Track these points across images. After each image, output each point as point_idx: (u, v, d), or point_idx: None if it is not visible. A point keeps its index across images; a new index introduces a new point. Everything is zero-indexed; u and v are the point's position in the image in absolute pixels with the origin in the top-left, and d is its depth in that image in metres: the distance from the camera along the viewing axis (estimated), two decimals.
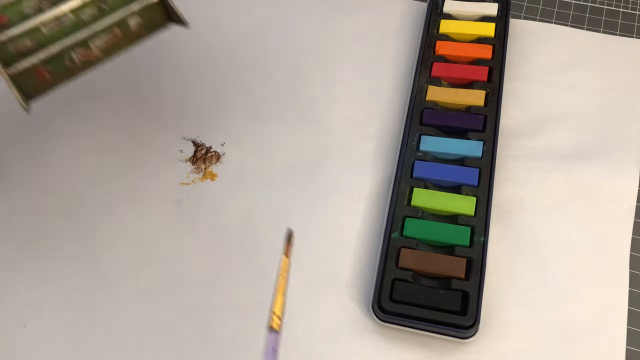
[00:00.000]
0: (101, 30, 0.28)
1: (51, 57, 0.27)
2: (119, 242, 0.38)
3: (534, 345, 0.33)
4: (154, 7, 0.29)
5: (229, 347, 0.34)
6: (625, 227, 0.36)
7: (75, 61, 0.28)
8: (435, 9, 0.45)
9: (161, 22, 0.30)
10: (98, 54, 0.28)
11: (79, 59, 0.28)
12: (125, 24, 0.28)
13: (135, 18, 0.28)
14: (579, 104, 0.41)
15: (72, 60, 0.28)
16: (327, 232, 0.37)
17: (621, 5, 0.47)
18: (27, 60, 0.27)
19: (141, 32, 0.29)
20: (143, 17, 0.29)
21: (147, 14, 0.29)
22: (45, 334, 0.35)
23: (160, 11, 0.29)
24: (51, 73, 0.28)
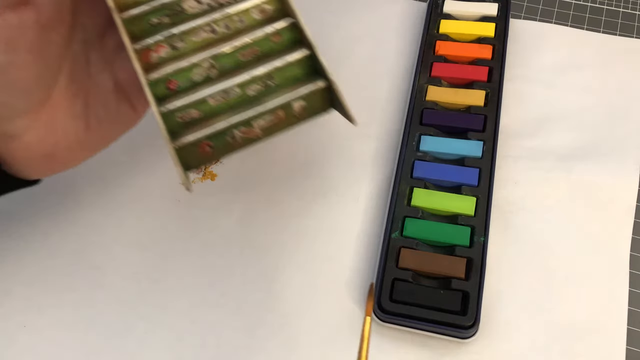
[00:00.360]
0: (260, 113, 0.27)
1: (216, 133, 0.27)
2: (119, 242, 0.38)
3: (534, 345, 0.33)
4: (320, 92, 0.28)
5: (229, 347, 0.34)
6: (625, 227, 0.36)
7: (236, 138, 0.27)
8: (435, 9, 0.45)
9: (324, 108, 0.29)
10: (258, 133, 0.28)
11: (239, 136, 0.27)
12: (290, 106, 0.28)
13: (300, 101, 0.28)
14: (579, 104, 0.41)
15: (233, 137, 0.27)
16: (326, 232, 0.37)
17: (621, 5, 0.47)
18: (192, 134, 0.27)
19: (302, 115, 0.28)
20: (307, 101, 0.28)
21: (312, 98, 0.28)
22: (45, 334, 0.35)
23: (325, 97, 0.28)
24: (212, 148, 0.27)
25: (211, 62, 0.28)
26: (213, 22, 0.29)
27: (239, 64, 0.29)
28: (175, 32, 0.29)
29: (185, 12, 0.30)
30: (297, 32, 0.29)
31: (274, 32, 0.29)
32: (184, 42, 0.29)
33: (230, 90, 0.28)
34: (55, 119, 0.31)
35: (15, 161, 0.31)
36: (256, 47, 0.29)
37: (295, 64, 0.29)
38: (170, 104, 0.28)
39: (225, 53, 0.29)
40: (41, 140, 0.31)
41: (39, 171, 0.32)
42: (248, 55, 0.29)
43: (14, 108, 0.29)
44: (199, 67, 0.28)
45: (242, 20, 0.29)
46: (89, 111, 0.32)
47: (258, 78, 0.28)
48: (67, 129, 0.31)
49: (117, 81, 0.33)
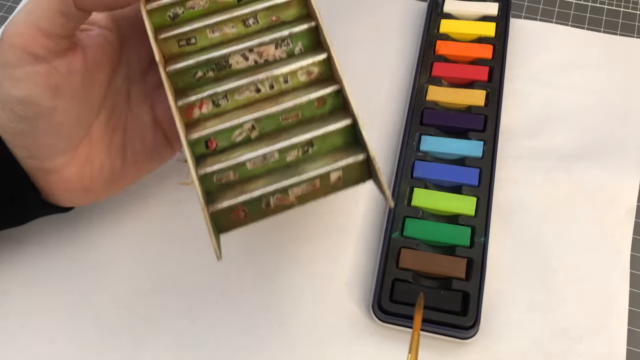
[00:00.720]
0: (298, 182, 0.27)
1: (252, 199, 0.27)
2: (119, 242, 0.38)
3: (534, 345, 0.33)
4: (359, 164, 0.28)
5: (229, 347, 0.34)
6: (625, 227, 0.36)
7: (271, 205, 0.27)
8: (435, 9, 0.44)
9: (361, 179, 0.28)
10: (293, 201, 0.27)
11: (274, 203, 0.27)
12: (327, 176, 0.27)
13: (338, 172, 0.27)
14: (580, 104, 0.41)
15: (268, 203, 0.27)
16: (326, 232, 0.37)
17: (622, 5, 0.47)
18: (229, 200, 0.26)
19: (338, 185, 0.28)
20: (345, 172, 0.27)
21: (350, 169, 0.27)
22: (44, 334, 0.34)
23: (364, 169, 0.28)
24: (246, 213, 0.27)
25: (253, 124, 0.28)
26: (258, 82, 0.29)
27: (279, 127, 0.28)
28: (220, 90, 0.28)
29: (231, 67, 0.29)
30: (340, 99, 0.29)
31: (318, 98, 0.28)
32: (227, 100, 0.29)
33: (269, 156, 0.27)
34: (93, 154, 0.32)
35: (52, 192, 0.32)
36: (299, 111, 0.28)
37: (337, 133, 0.28)
38: (208, 167, 0.27)
39: (268, 116, 0.28)
40: (79, 175, 0.32)
41: (73, 202, 0.33)
42: (290, 119, 0.28)
43: (55, 148, 0.30)
44: (240, 128, 0.28)
45: (287, 81, 0.29)
46: (126, 145, 0.33)
47: (298, 145, 0.28)
48: (104, 163, 0.32)
49: (155, 116, 0.34)
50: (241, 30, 0.30)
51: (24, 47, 0.27)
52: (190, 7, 0.30)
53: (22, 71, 0.28)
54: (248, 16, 0.30)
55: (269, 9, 0.30)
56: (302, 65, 0.29)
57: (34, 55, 0.28)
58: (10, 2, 0.51)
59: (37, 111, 0.29)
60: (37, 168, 0.31)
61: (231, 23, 0.30)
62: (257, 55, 0.29)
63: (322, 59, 0.29)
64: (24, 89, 0.28)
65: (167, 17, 0.30)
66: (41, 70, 0.28)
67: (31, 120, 0.29)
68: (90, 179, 0.32)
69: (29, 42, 0.27)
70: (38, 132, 0.29)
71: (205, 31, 0.29)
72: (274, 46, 0.29)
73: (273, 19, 0.30)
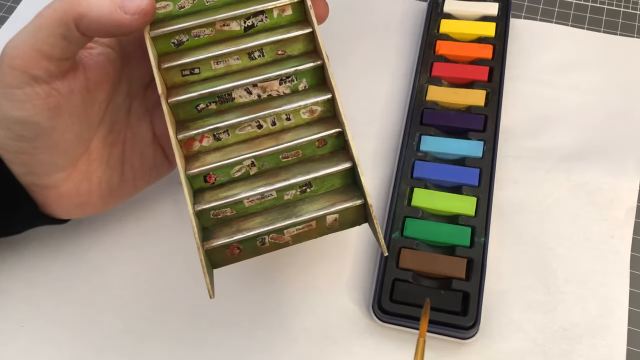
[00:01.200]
0: (291, 224, 0.27)
1: (248, 237, 0.27)
2: (119, 241, 0.38)
3: (534, 346, 0.33)
4: (355, 208, 0.28)
5: (229, 347, 0.34)
6: (625, 227, 0.36)
7: (266, 243, 0.27)
8: (435, 9, 0.44)
9: (356, 222, 0.28)
10: (288, 240, 0.28)
11: (269, 242, 0.27)
12: (324, 218, 0.27)
13: (334, 215, 0.28)
14: (580, 104, 0.41)
15: (263, 242, 0.27)
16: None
17: (622, 5, 0.47)
18: (225, 238, 0.26)
19: (334, 226, 0.28)
20: (341, 215, 0.28)
21: (346, 213, 0.28)
22: (44, 333, 0.34)
23: (360, 212, 0.28)
24: (241, 250, 0.27)
25: (253, 160, 0.28)
26: (260, 118, 0.28)
27: (279, 165, 0.28)
28: (222, 125, 0.28)
29: (234, 100, 0.29)
30: (342, 140, 0.29)
31: (319, 138, 0.29)
32: (228, 134, 0.28)
33: (267, 194, 0.28)
34: (91, 170, 0.32)
35: (49, 206, 0.32)
36: (299, 150, 0.28)
37: (336, 175, 0.28)
38: (206, 203, 0.27)
39: (268, 154, 0.28)
40: (76, 190, 0.32)
41: (69, 215, 0.33)
42: (290, 157, 0.29)
43: (54, 166, 0.30)
44: (240, 165, 0.28)
45: (289, 119, 0.29)
46: (124, 161, 0.33)
47: (297, 185, 0.28)
48: (102, 179, 0.32)
49: (155, 132, 0.34)
50: (246, 63, 0.29)
51: (25, 69, 0.27)
52: (195, 35, 0.29)
53: (22, 92, 0.28)
54: (254, 49, 0.29)
55: (276, 42, 0.29)
56: (306, 103, 0.29)
57: (35, 77, 0.28)
58: (10, 2, 0.51)
59: (35, 131, 0.29)
60: (34, 184, 0.31)
61: (236, 55, 0.29)
62: (261, 90, 0.29)
63: (326, 99, 0.29)
64: (23, 109, 0.28)
65: (171, 44, 0.29)
66: (41, 91, 0.28)
67: (30, 139, 0.29)
68: (87, 194, 0.32)
69: (30, 64, 0.27)
70: (37, 150, 0.29)
71: (209, 62, 0.29)
72: (278, 82, 0.29)
73: (279, 52, 0.30)
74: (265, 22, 0.30)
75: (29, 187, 0.31)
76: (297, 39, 0.29)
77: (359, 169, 0.27)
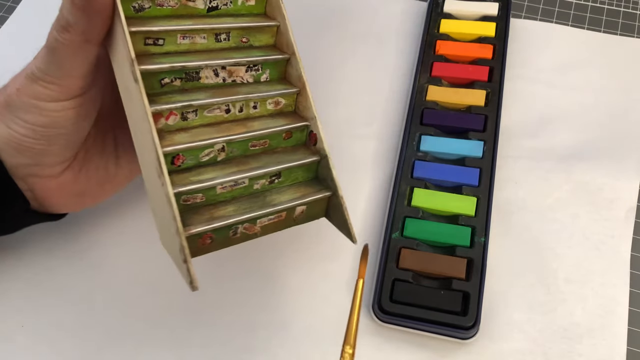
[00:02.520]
0: (265, 214, 0.27)
1: (222, 226, 0.26)
2: (118, 241, 0.38)
3: (534, 346, 0.33)
4: (322, 200, 0.28)
5: (228, 347, 0.34)
6: (625, 227, 0.36)
7: (238, 233, 0.27)
8: (435, 9, 0.44)
9: (318, 215, 0.29)
10: (258, 231, 0.27)
11: (241, 232, 0.27)
12: (293, 209, 0.27)
13: (303, 206, 0.28)
14: (580, 104, 0.41)
15: (235, 232, 0.27)
16: (326, 231, 0.37)
17: (622, 4, 0.47)
18: (200, 226, 0.25)
19: (299, 218, 0.28)
20: (309, 207, 0.28)
21: (313, 205, 0.28)
22: (43, 333, 0.34)
23: (324, 206, 0.28)
24: (212, 240, 0.26)
25: (224, 145, 0.27)
26: (231, 102, 0.28)
27: (246, 153, 0.28)
28: (194, 104, 0.27)
29: (199, 80, 0.28)
30: (304, 135, 0.29)
31: (288, 130, 0.29)
32: (196, 115, 0.27)
33: (240, 182, 0.27)
34: (88, 157, 0.32)
35: (47, 197, 0.32)
36: (267, 139, 0.28)
37: (302, 168, 0.28)
38: (182, 186, 0.26)
39: (238, 140, 0.28)
40: (75, 178, 0.32)
41: (67, 206, 0.34)
42: (258, 146, 0.28)
43: (61, 156, 0.31)
44: (210, 148, 0.27)
45: (256, 107, 0.29)
46: (118, 146, 0.33)
47: (268, 174, 0.28)
48: (99, 165, 0.33)
49: None
50: (211, 44, 0.29)
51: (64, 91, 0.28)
52: (159, 3, 0.28)
53: (56, 105, 0.28)
54: (222, 31, 0.29)
55: (243, 29, 0.29)
56: (274, 94, 0.29)
57: (72, 94, 0.28)
58: (10, 2, 0.51)
59: (60, 132, 0.29)
60: (36, 174, 0.31)
61: (203, 33, 0.28)
62: (227, 74, 0.29)
63: (293, 92, 0.29)
64: (54, 117, 0.28)
65: (132, 7, 0.27)
66: (74, 103, 0.28)
67: (50, 137, 0.29)
68: (86, 181, 0.32)
69: (66, 87, 0.28)
70: (53, 146, 0.30)
71: (176, 35, 0.28)
72: (245, 68, 0.29)
73: (243, 40, 0.29)
74: (228, 6, 0.29)
75: (27, 178, 0.31)
76: (262, 30, 0.30)
77: (331, 163, 0.28)
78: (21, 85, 0.28)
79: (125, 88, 0.26)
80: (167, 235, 0.25)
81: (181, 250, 0.24)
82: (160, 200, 0.25)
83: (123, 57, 0.26)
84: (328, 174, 0.28)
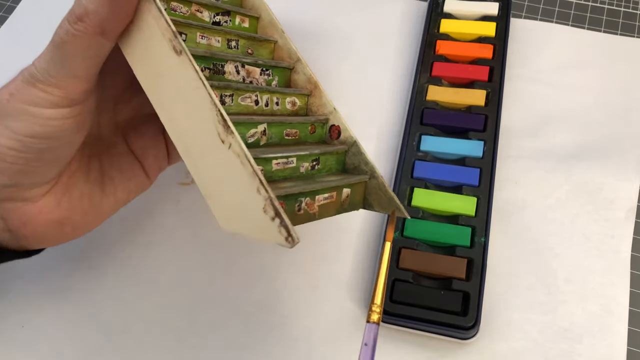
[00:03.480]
0: (323, 189, 0.26)
1: (290, 195, 0.25)
2: (118, 241, 0.38)
3: (534, 346, 0.33)
4: (363, 185, 0.28)
5: (229, 347, 0.34)
6: (625, 227, 0.36)
7: (301, 210, 0.26)
8: (435, 9, 0.44)
9: (359, 205, 0.29)
10: (316, 211, 0.27)
11: (304, 208, 0.26)
12: (340, 191, 0.27)
13: (347, 189, 0.28)
14: (580, 104, 0.41)
15: (299, 207, 0.26)
16: (327, 231, 0.37)
17: (622, 4, 0.46)
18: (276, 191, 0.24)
19: (345, 204, 0.28)
20: (352, 191, 0.28)
21: (355, 190, 0.28)
22: (44, 333, 0.34)
23: (362, 193, 0.29)
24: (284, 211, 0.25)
25: (265, 128, 0.27)
26: (259, 93, 0.28)
27: (282, 141, 0.28)
28: (233, 86, 0.27)
29: (224, 75, 0.28)
30: (324, 132, 0.30)
31: (312, 123, 0.29)
32: (232, 100, 0.27)
33: (289, 160, 0.27)
34: (72, 182, 0.30)
35: (24, 226, 0.29)
36: (298, 130, 0.29)
37: (335, 157, 0.29)
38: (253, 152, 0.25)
39: (278, 124, 0.28)
40: (58, 205, 0.29)
41: (48, 237, 0.30)
42: (291, 135, 0.29)
43: (44, 176, 0.28)
44: (255, 129, 0.27)
45: (278, 104, 0.29)
46: (104, 174, 0.32)
47: (310, 157, 0.28)
48: (83, 192, 0.30)
49: (130, 148, 0.33)
50: (224, 48, 0.30)
51: (65, 95, 0.26)
52: (173, 8, 0.28)
53: (55, 112, 0.26)
54: (232, 37, 0.30)
55: (249, 39, 0.30)
56: (292, 91, 0.30)
57: (73, 100, 0.26)
58: (10, 2, 0.51)
59: (51, 144, 0.27)
60: (10, 198, 0.28)
61: (219, 36, 0.29)
62: (246, 74, 0.29)
63: (306, 95, 0.30)
64: (48, 126, 0.26)
65: None
66: (74, 111, 0.27)
67: (39, 151, 0.27)
68: (69, 209, 0.30)
69: (69, 90, 0.26)
70: (38, 162, 0.27)
71: (196, 33, 0.28)
72: (260, 70, 0.30)
73: (249, 51, 0.31)
74: (228, 24, 0.31)
75: (2, 203, 0.28)
76: (263, 45, 0.31)
77: (361, 146, 0.29)
78: (16, 89, 0.26)
79: (157, 74, 0.26)
80: (238, 206, 0.24)
81: (268, 206, 0.22)
82: (228, 167, 0.24)
83: (157, 37, 0.25)
84: (361, 158, 0.29)
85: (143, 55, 0.26)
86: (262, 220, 0.23)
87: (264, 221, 0.23)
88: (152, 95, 0.26)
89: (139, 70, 0.27)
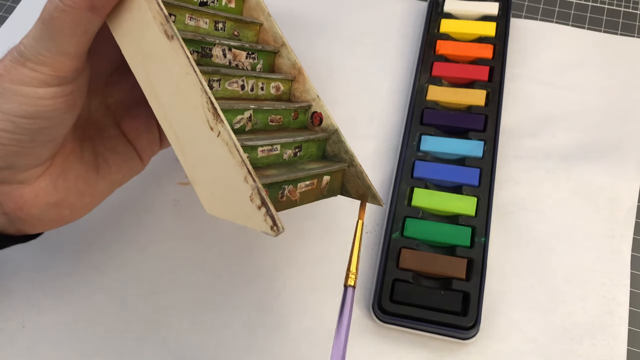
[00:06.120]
0: (305, 177, 0.27)
1: (272, 183, 0.25)
2: (118, 242, 0.38)
3: (534, 346, 0.33)
4: (341, 173, 0.29)
5: (229, 347, 0.34)
6: (626, 227, 0.36)
7: (284, 197, 0.26)
8: (435, 8, 0.44)
9: (337, 192, 0.29)
10: (297, 198, 0.27)
11: (286, 195, 0.26)
12: (321, 178, 0.28)
13: (327, 176, 0.28)
14: (580, 104, 0.41)
15: (282, 194, 0.26)
16: (327, 232, 0.37)
17: (622, 4, 0.46)
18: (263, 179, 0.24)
19: (324, 191, 0.28)
20: (331, 179, 0.28)
21: (334, 177, 0.28)
22: (44, 334, 0.34)
23: (340, 180, 0.29)
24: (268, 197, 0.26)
25: (251, 114, 0.27)
26: (245, 76, 0.28)
27: (266, 128, 0.28)
28: (221, 71, 0.27)
29: (211, 58, 0.28)
30: (306, 118, 0.30)
31: (295, 109, 0.29)
32: (219, 85, 0.27)
33: (274, 147, 0.27)
34: (67, 164, 0.30)
35: (20, 209, 0.29)
36: (281, 116, 0.29)
37: (316, 144, 0.29)
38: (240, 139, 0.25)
39: (263, 110, 0.28)
40: (53, 186, 0.29)
41: (44, 221, 0.30)
42: (275, 121, 0.29)
43: (38, 158, 0.28)
44: (241, 115, 0.27)
45: (263, 89, 0.29)
46: (97, 155, 0.31)
47: (293, 144, 0.28)
48: (78, 174, 0.30)
49: (122, 130, 0.33)
50: (211, 30, 0.29)
51: (56, 74, 0.26)
52: None
53: (46, 91, 0.26)
54: (220, 19, 0.30)
55: (236, 21, 0.30)
56: (276, 77, 0.30)
57: (64, 78, 0.26)
58: (10, 1, 0.51)
59: (43, 125, 0.27)
60: (5, 180, 0.28)
61: (207, 18, 0.29)
62: (232, 57, 0.29)
63: (290, 80, 0.30)
64: (40, 106, 0.26)
65: None
66: (66, 89, 0.26)
67: (32, 132, 0.26)
68: (65, 191, 0.30)
69: (59, 67, 0.26)
70: (32, 143, 0.27)
71: (185, 14, 0.28)
72: (245, 54, 0.29)
73: (235, 33, 0.30)
74: (215, 4, 0.30)
75: None
76: (249, 27, 0.31)
77: (342, 134, 0.29)
78: (4, 69, 0.25)
79: (147, 55, 0.25)
80: (225, 192, 0.24)
81: (255, 195, 0.23)
82: (216, 154, 0.24)
83: (147, 19, 0.25)
84: (341, 146, 0.29)
85: (132, 37, 0.26)
86: (248, 208, 0.23)
87: (250, 209, 0.23)
88: (140, 77, 0.26)
89: (128, 52, 0.26)
